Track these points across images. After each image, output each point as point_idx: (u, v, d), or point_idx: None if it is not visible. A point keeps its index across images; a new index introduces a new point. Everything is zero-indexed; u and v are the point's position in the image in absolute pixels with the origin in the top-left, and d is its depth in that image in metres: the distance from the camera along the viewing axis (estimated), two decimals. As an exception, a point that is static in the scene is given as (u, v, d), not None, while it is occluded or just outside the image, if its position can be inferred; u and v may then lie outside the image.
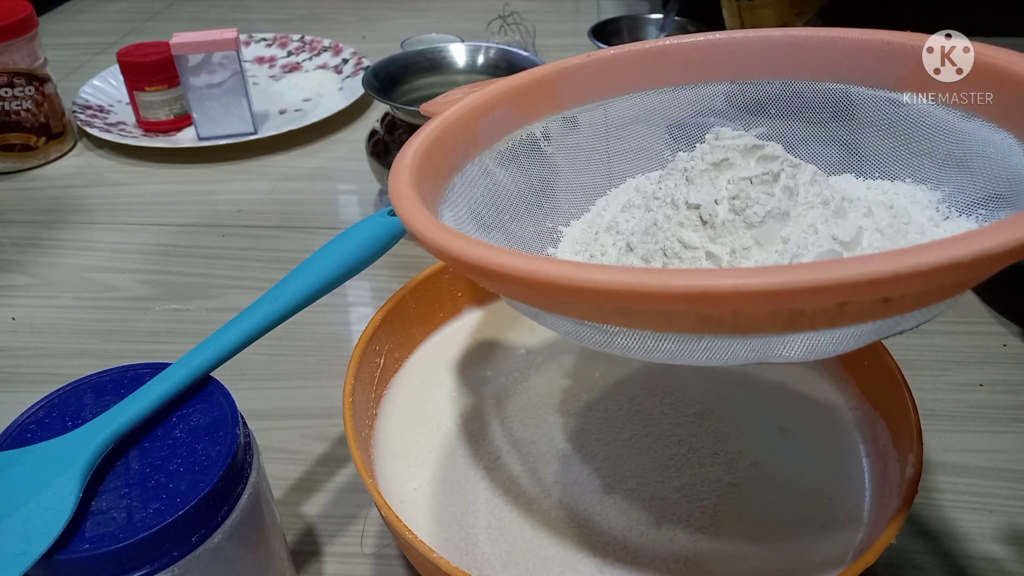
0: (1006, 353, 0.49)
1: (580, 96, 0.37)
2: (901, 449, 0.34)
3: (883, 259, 0.20)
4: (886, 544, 0.28)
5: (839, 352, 0.26)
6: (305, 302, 0.35)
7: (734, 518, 0.34)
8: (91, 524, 0.25)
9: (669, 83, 0.37)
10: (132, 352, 0.52)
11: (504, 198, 0.35)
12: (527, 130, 0.36)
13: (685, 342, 0.25)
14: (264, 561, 0.31)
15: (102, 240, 0.63)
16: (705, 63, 0.37)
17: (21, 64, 0.71)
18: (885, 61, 0.33)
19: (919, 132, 0.33)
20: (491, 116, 0.34)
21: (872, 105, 0.34)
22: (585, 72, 0.37)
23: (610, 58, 0.37)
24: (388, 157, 0.61)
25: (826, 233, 0.28)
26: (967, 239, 0.20)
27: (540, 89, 0.36)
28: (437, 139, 0.32)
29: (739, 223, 0.29)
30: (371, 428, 0.39)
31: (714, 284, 0.20)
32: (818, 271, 0.20)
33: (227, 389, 0.31)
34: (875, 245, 0.28)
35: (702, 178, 0.30)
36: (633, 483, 0.36)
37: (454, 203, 0.32)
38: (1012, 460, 0.42)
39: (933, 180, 0.33)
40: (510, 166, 0.36)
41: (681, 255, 0.29)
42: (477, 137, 0.34)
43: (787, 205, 0.29)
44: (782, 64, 0.36)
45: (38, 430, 0.29)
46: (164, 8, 1.16)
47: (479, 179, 0.34)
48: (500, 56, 0.65)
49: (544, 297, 0.26)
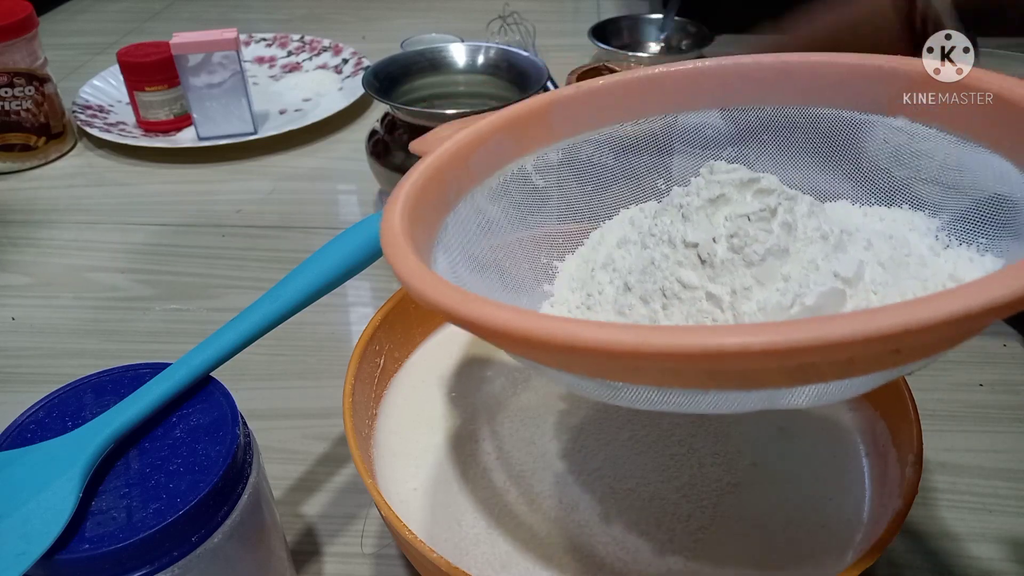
0: (1006, 353, 0.49)
1: (572, 127, 0.37)
2: (901, 449, 0.34)
3: (894, 312, 0.19)
4: (886, 544, 0.28)
5: (847, 397, 0.26)
6: (305, 302, 0.35)
7: (734, 518, 0.34)
8: (91, 524, 0.25)
9: (661, 111, 0.37)
10: (132, 352, 0.52)
11: (497, 236, 0.35)
12: (518, 164, 0.36)
13: (692, 396, 0.25)
14: (264, 561, 0.31)
15: (102, 240, 0.63)
16: (696, 90, 0.36)
17: (21, 64, 0.71)
18: (878, 85, 0.33)
19: (915, 157, 0.33)
20: (482, 151, 0.34)
21: (866, 130, 0.34)
22: (576, 102, 0.36)
23: (601, 88, 0.37)
24: (388, 157, 0.61)
25: (827, 270, 0.27)
26: (978, 288, 0.20)
27: (532, 121, 0.36)
28: (429, 179, 0.31)
29: (738, 261, 0.28)
30: (371, 428, 0.39)
31: (721, 343, 0.20)
32: (828, 327, 0.20)
33: (227, 389, 0.31)
34: (877, 280, 0.28)
35: (699, 215, 0.30)
36: (633, 483, 0.36)
37: (447, 245, 0.32)
38: (1012, 460, 0.42)
39: (931, 206, 0.32)
40: (502, 202, 0.35)
41: (681, 295, 0.29)
42: (469, 174, 0.34)
43: (786, 241, 0.28)
44: (774, 89, 0.35)
45: (38, 430, 0.29)
46: (164, 8, 1.16)
47: (471, 217, 0.34)
48: (500, 56, 0.65)
49: (545, 355, 0.26)
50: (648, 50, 0.90)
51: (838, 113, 0.34)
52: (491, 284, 0.33)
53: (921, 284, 0.28)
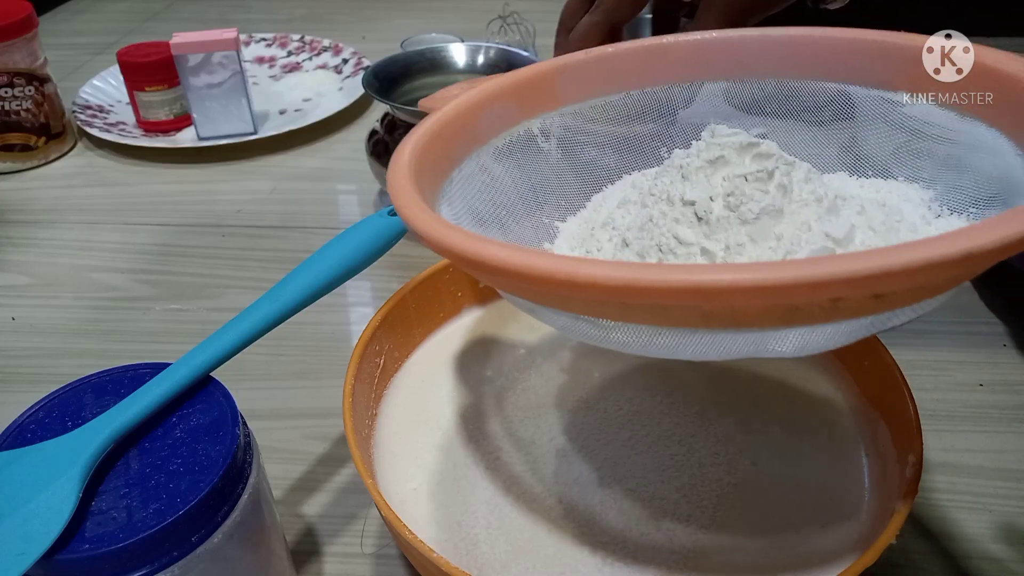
0: (1006, 353, 0.49)
1: (578, 92, 0.37)
2: (901, 449, 0.34)
3: (876, 255, 0.20)
4: (886, 544, 0.28)
5: (831, 347, 0.27)
6: (305, 302, 0.35)
7: (734, 518, 0.34)
8: (91, 524, 0.25)
9: (666, 80, 0.37)
10: (132, 352, 0.52)
11: (501, 194, 0.35)
12: (525, 126, 0.36)
13: (681, 336, 0.26)
14: (264, 561, 0.31)
15: (102, 240, 0.63)
16: (702, 61, 0.37)
17: (21, 64, 0.71)
18: (880, 60, 0.33)
19: (913, 131, 0.33)
20: (489, 112, 0.34)
21: (867, 104, 0.34)
22: (584, 69, 0.37)
23: (609, 55, 0.37)
24: (388, 157, 0.60)
25: (819, 230, 0.28)
26: (957, 236, 0.20)
27: (539, 85, 0.36)
28: (435, 134, 0.32)
29: (734, 220, 0.29)
30: (371, 428, 0.39)
31: (711, 279, 0.21)
32: (812, 267, 0.20)
33: (227, 389, 0.31)
34: (867, 242, 0.28)
35: (697, 175, 0.30)
36: (633, 483, 0.36)
37: (451, 199, 0.32)
38: (1012, 460, 0.42)
39: (926, 179, 0.33)
40: (507, 162, 0.36)
41: (676, 251, 0.29)
42: (475, 133, 0.34)
43: (781, 202, 0.29)
44: (779, 63, 0.36)
45: (38, 430, 0.29)
46: (164, 8, 1.16)
47: (476, 175, 0.34)
48: (500, 56, 0.65)
49: (541, 291, 0.26)
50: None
51: (840, 87, 0.35)
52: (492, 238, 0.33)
53: None
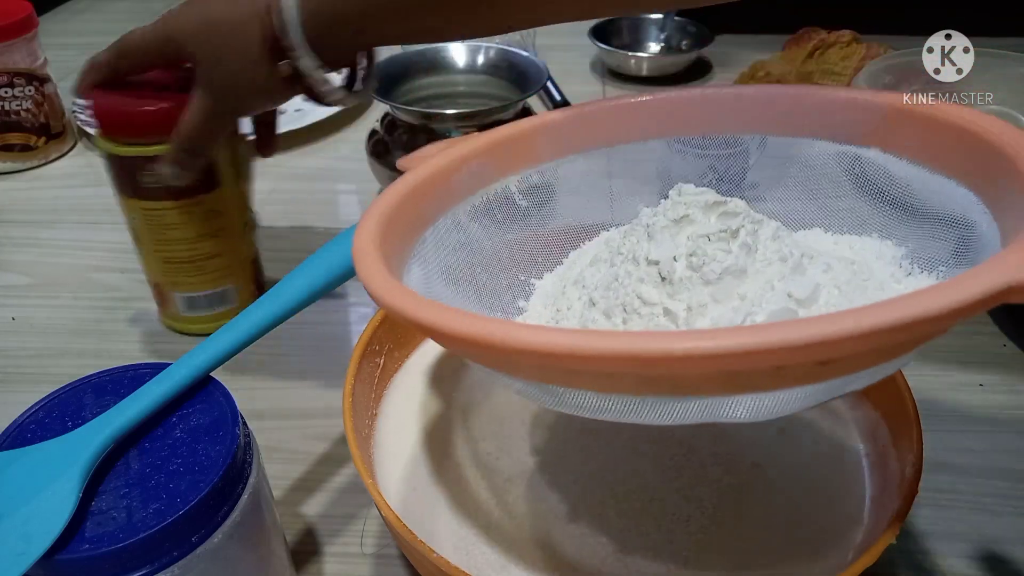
0: (1005, 353, 0.49)
1: (556, 150, 0.37)
2: (901, 449, 0.34)
3: (814, 323, 0.20)
4: (886, 544, 0.28)
5: (788, 412, 0.26)
6: (305, 302, 0.35)
7: (734, 518, 0.34)
8: (91, 524, 0.25)
9: (643, 136, 0.38)
10: (132, 352, 0.52)
11: (476, 252, 0.36)
12: (502, 184, 0.36)
13: (630, 403, 0.26)
14: (264, 561, 0.31)
15: (102, 240, 0.63)
16: (678, 117, 0.37)
17: (21, 64, 0.71)
18: (853, 116, 0.34)
19: (885, 187, 0.33)
20: (465, 170, 0.35)
21: (840, 160, 0.35)
22: (562, 127, 0.37)
23: (587, 113, 0.37)
24: (388, 157, 0.61)
25: (782, 290, 0.28)
26: (901, 302, 0.20)
27: (518, 143, 0.36)
28: (408, 195, 0.32)
29: (696, 279, 0.29)
30: (371, 428, 0.39)
31: (644, 347, 0.21)
32: (749, 335, 0.20)
33: (227, 389, 0.31)
34: (832, 303, 0.28)
35: (663, 234, 0.31)
36: (633, 484, 0.36)
37: (424, 257, 0.33)
38: (1011, 460, 0.42)
39: (898, 235, 0.33)
40: (484, 220, 0.36)
41: (640, 311, 0.30)
42: (450, 191, 0.34)
43: (745, 262, 0.29)
44: (753, 119, 0.36)
45: (38, 430, 0.29)
46: (164, 8, 1.16)
47: (451, 232, 0.34)
48: (500, 56, 0.65)
49: (485, 356, 0.26)
50: (648, 50, 0.90)
51: (814, 143, 0.35)
52: (465, 298, 0.34)
53: None
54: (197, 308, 0.51)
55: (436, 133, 0.59)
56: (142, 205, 0.46)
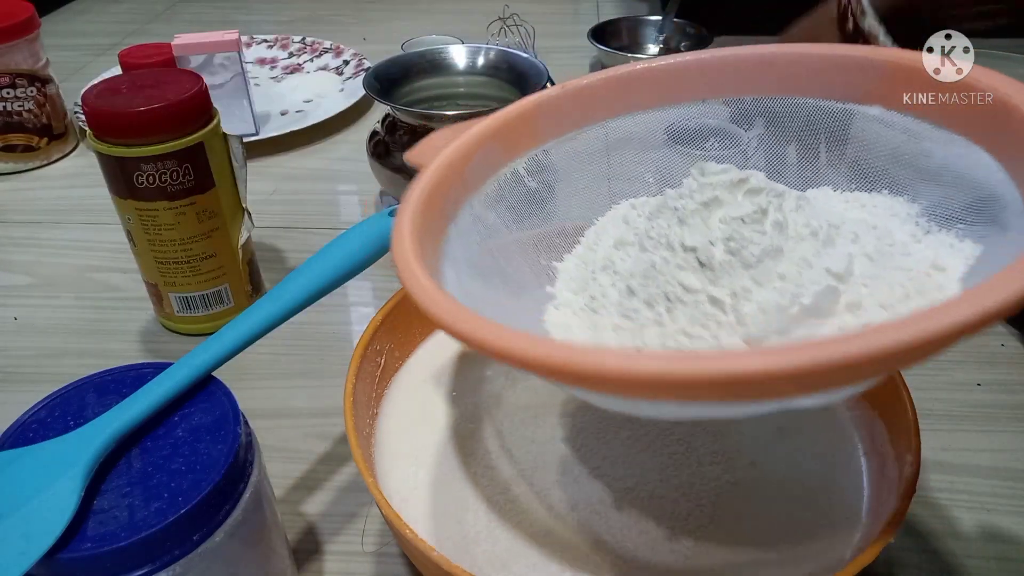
0: (1004, 353, 0.49)
1: (558, 127, 0.37)
2: (899, 448, 0.34)
3: (899, 329, 0.20)
4: (884, 543, 0.29)
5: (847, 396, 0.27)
6: (306, 302, 0.35)
7: (733, 517, 0.35)
8: (93, 523, 0.26)
9: (643, 106, 0.37)
10: (134, 352, 0.52)
11: (497, 240, 0.35)
12: (511, 167, 0.36)
13: (716, 408, 0.26)
14: (265, 559, 0.31)
15: (104, 240, 0.63)
16: (676, 84, 0.37)
17: (23, 65, 0.71)
18: (852, 75, 0.33)
19: (892, 145, 0.33)
20: (476, 159, 0.34)
21: (844, 118, 0.34)
22: (561, 103, 0.37)
23: (584, 87, 0.37)
24: (389, 158, 0.61)
25: (819, 266, 0.28)
26: (972, 298, 0.20)
27: (520, 124, 0.36)
28: (431, 194, 0.32)
29: (736, 263, 0.29)
30: (372, 427, 0.39)
31: (753, 366, 0.21)
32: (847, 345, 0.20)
33: (228, 388, 0.31)
34: (866, 273, 0.28)
35: (694, 218, 0.30)
36: (632, 482, 0.36)
37: (453, 257, 0.32)
38: (1009, 459, 0.42)
39: (910, 192, 0.33)
40: (498, 207, 0.36)
41: (684, 298, 0.29)
42: (465, 183, 0.34)
43: (779, 240, 0.29)
44: (752, 81, 0.36)
45: (40, 429, 0.29)
46: (165, 9, 1.16)
47: (471, 226, 0.34)
48: (500, 58, 0.65)
49: (570, 382, 0.26)
50: (647, 51, 0.90)
51: (816, 102, 0.35)
52: (496, 291, 0.34)
53: (906, 274, 0.28)
54: (192, 308, 0.51)
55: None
56: (136, 205, 0.47)
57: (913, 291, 0.28)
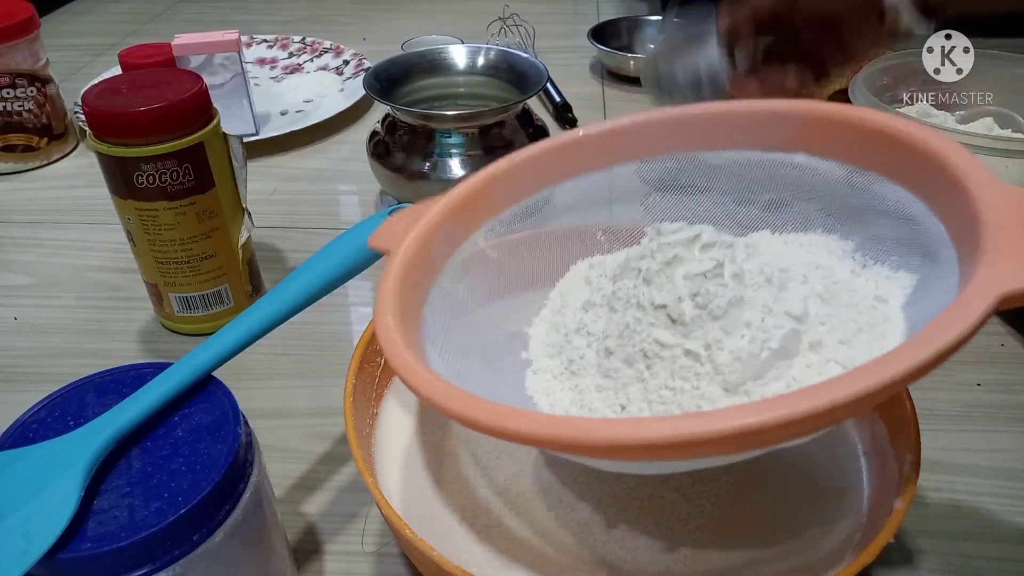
0: (1004, 353, 0.49)
1: (511, 196, 0.39)
2: (899, 448, 0.34)
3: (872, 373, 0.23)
4: (884, 543, 0.29)
5: None
6: (306, 302, 0.35)
7: (733, 517, 0.35)
8: (93, 523, 0.26)
9: (586, 169, 0.39)
10: (134, 352, 0.52)
11: (469, 315, 0.37)
12: (471, 240, 0.38)
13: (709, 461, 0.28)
14: (265, 559, 0.31)
15: (104, 240, 0.63)
16: (616, 147, 0.39)
17: (23, 65, 0.71)
18: (776, 127, 0.35)
19: (818, 187, 0.35)
20: (439, 238, 0.36)
21: (771, 166, 0.36)
22: (512, 174, 0.39)
23: (533, 156, 0.39)
24: (389, 158, 0.61)
25: (779, 311, 0.30)
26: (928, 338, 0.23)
27: (477, 199, 0.38)
28: (403, 282, 0.33)
29: (705, 316, 0.31)
30: (372, 427, 0.39)
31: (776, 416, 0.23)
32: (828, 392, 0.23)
33: (228, 388, 0.31)
34: (820, 312, 0.31)
35: (659, 277, 0.32)
36: (632, 483, 0.36)
37: (432, 337, 0.34)
38: (1009, 459, 0.42)
39: (841, 231, 0.35)
40: (464, 281, 0.37)
41: (661, 354, 0.31)
42: (432, 263, 0.36)
43: (740, 290, 0.31)
44: (683, 138, 0.38)
45: (40, 429, 0.29)
46: (166, 9, 1.16)
47: (443, 303, 0.36)
48: (500, 57, 0.65)
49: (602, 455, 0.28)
50: (647, 51, 0.90)
51: (744, 154, 0.37)
52: (477, 365, 0.35)
53: (854, 309, 0.31)
54: (192, 308, 0.51)
55: (436, 134, 0.59)
56: (136, 206, 0.47)
57: (864, 324, 0.30)
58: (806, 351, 0.30)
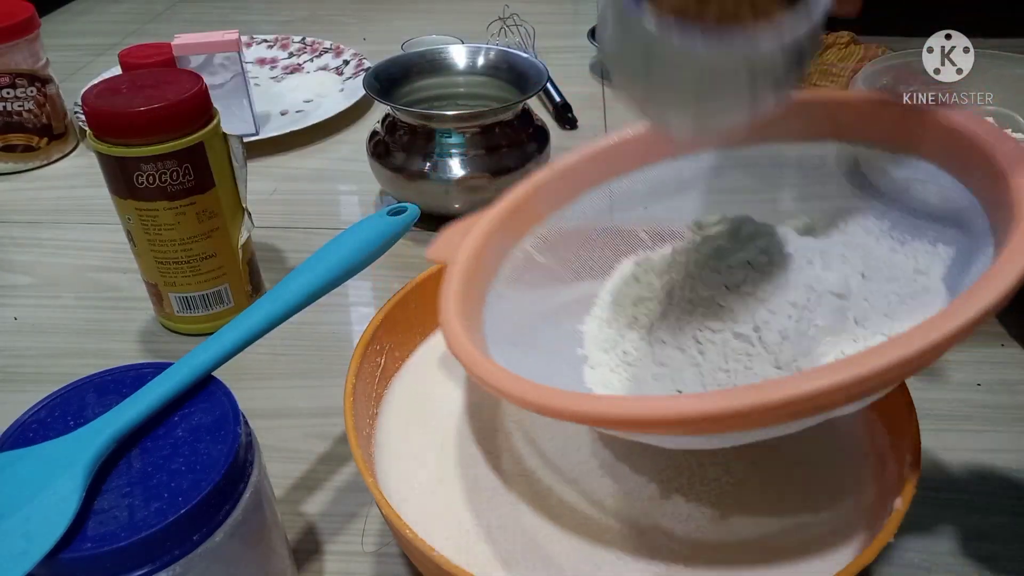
0: (1004, 353, 0.49)
1: (554, 203, 0.40)
2: (899, 449, 0.34)
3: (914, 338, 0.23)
4: (884, 543, 0.29)
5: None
6: (306, 301, 0.35)
7: (733, 518, 0.35)
8: (93, 523, 0.26)
9: (625, 170, 0.41)
10: (134, 352, 0.52)
11: (524, 316, 0.38)
12: (520, 248, 0.39)
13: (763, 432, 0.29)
14: (265, 559, 0.31)
15: (104, 240, 0.63)
16: (650, 148, 0.40)
17: (23, 65, 0.71)
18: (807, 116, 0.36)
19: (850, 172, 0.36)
20: (491, 246, 0.37)
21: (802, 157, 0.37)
22: (553, 182, 0.40)
23: (570, 165, 0.40)
24: (389, 158, 0.61)
25: (823, 290, 0.31)
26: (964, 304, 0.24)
27: (522, 208, 0.39)
28: (465, 289, 0.35)
29: (751, 301, 0.31)
30: (372, 427, 0.39)
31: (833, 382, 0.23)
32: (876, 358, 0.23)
33: (228, 388, 0.31)
34: (863, 288, 0.31)
35: (704, 269, 0.33)
36: (632, 483, 0.36)
37: (493, 338, 0.35)
38: (1009, 459, 0.42)
39: (877, 211, 0.36)
40: (517, 285, 0.39)
41: (712, 339, 0.32)
42: (487, 270, 0.37)
43: (784, 274, 0.32)
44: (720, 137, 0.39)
45: (40, 429, 0.29)
46: (166, 9, 1.16)
47: (499, 306, 0.37)
48: (500, 58, 0.65)
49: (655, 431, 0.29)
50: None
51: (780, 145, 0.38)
52: (538, 363, 0.36)
53: (896, 283, 0.32)
54: (192, 308, 0.51)
55: (436, 134, 0.59)
56: (136, 205, 0.47)
57: (907, 296, 0.31)
58: (852, 326, 0.31)
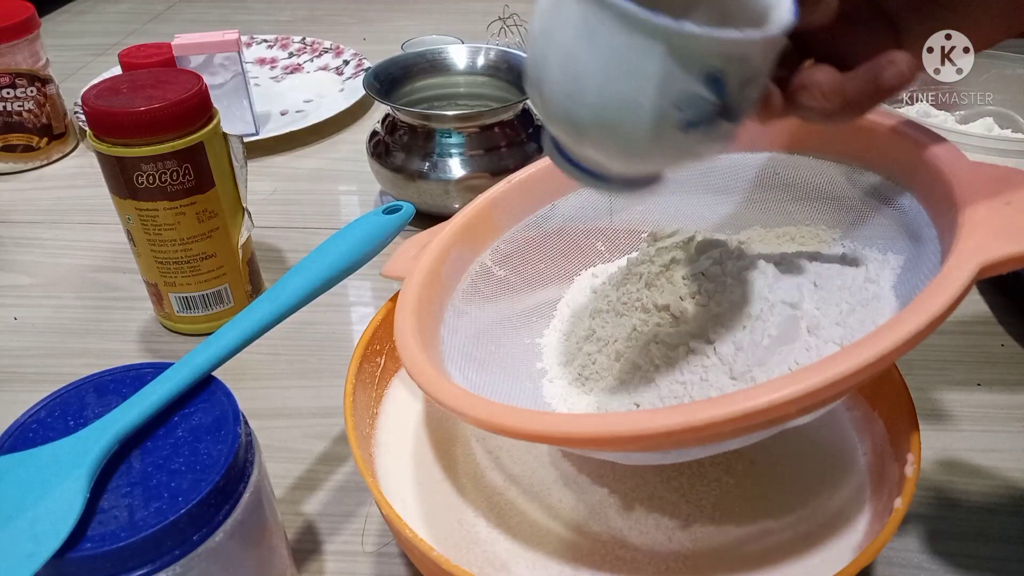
0: (1004, 353, 0.49)
1: (513, 217, 0.41)
2: (899, 448, 0.34)
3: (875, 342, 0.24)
4: (884, 543, 0.29)
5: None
6: (304, 300, 0.35)
7: (733, 518, 0.35)
8: (93, 523, 0.26)
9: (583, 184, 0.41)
10: (134, 352, 0.52)
11: (482, 331, 0.38)
12: (479, 262, 0.39)
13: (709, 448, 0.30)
14: (265, 559, 0.31)
15: (104, 240, 0.63)
16: None
17: (23, 65, 0.71)
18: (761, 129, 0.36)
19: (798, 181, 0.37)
20: (448, 261, 0.38)
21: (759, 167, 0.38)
22: (511, 195, 0.40)
23: (527, 178, 0.41)
24: (389, 158, 0.61)
25: (776, 300, 0.31)
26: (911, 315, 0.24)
27: (479, 222, 0.39)
28: (420, 305, 0.35)
29: (706, 313, 0.32)
30: (372, 427, 0.39)
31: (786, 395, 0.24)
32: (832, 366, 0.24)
33: (228, 389, 0.31)
34: (815, 298, 0.32)
35: (660, 280, 0.34)
36: (632, 483, 0.36)
37: (450, 356, 0.35)
38: (1009, 459, 0.42)
39: (827, 221, 0.37)
40: (475, 299, 0.39)
41: (668, 353, 0.32)
42: (444, 286, 0.37)
43: (737, 285, 0.32)
44: None
45: (40, 429, 0.29)
46: (166, 9, 1.16)
47: (456, 322, 0.37)
48: (500, 57, 0.65)
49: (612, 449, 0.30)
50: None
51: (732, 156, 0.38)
52: (497, 378, 0.36)
53: (847, 292, 0.32)
54: (192, 308, 0.51)
55: (436, 134, 0.59)
56: (136, 205, 0.47)
57: (857, 305, 0.31)
58: (805, 335, 0.31)
